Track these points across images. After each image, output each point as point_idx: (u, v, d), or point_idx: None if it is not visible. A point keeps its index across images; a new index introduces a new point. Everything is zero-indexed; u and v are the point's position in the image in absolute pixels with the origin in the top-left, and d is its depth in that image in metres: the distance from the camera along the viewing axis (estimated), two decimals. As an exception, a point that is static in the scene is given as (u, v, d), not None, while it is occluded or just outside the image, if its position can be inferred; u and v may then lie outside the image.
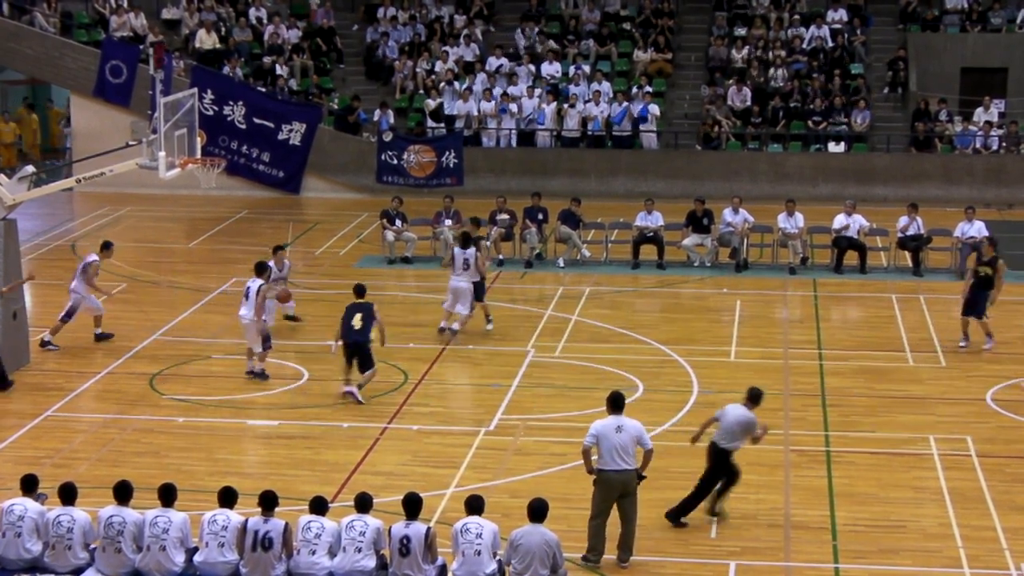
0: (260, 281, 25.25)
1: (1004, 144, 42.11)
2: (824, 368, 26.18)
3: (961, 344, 27.54)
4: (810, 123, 42.80)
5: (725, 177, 40.68)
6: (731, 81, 43.72)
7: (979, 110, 42.79)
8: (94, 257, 27.54)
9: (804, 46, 45.17)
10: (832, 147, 42.41)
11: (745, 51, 45.04)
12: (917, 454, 22.06)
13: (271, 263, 27.09)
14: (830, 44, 45.17)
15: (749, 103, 43.22)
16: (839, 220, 33.65)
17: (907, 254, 33.42)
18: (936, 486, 20.77)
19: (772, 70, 44.17)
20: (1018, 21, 45.44)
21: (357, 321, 24.13)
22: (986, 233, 32.67)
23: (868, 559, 18.33)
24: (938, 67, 44.87)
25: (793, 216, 33.85)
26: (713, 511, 19.43)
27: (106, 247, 28.18)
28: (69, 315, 27.18)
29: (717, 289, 32.27)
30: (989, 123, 42.35)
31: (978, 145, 42.15)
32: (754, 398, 19.33)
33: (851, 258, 33.40)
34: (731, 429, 19.07)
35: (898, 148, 42.72)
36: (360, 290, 24.91)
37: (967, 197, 37.18)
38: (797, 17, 46.05)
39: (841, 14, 46.11)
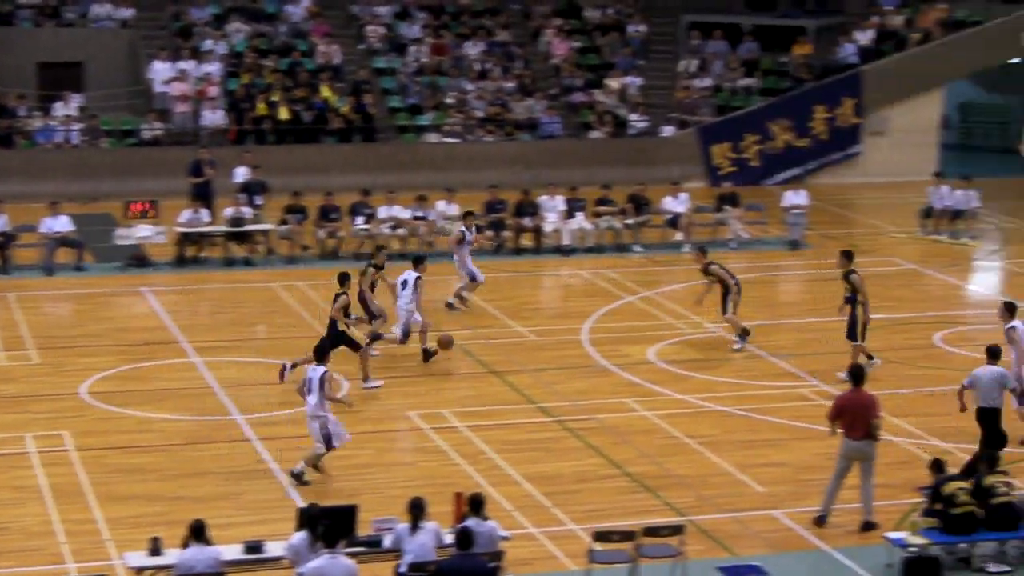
0: (323, 369, 20.97)
1: (85, 138, 42.40)
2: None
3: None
4: None
5: None
6: None
7: (58, 104, 42.87)
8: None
9: None
10: None
11: None
12: (15, 453, 21.96)
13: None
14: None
15: None
16: None
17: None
18: (35, 484, 20.76)
19: None
20: (90, 16, 45.85)
21: None
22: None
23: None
24: (14, 61, 44.42)
25: None
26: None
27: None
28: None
29: None
30: (69, 117, 42.54)
31: (59, 140, 42.21)
32: (994, 354, 21.09)
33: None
34: (991, 388, 20.69)
35: (-25, 146, 42.02)
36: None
37: (51, 192, 36.92)
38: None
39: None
